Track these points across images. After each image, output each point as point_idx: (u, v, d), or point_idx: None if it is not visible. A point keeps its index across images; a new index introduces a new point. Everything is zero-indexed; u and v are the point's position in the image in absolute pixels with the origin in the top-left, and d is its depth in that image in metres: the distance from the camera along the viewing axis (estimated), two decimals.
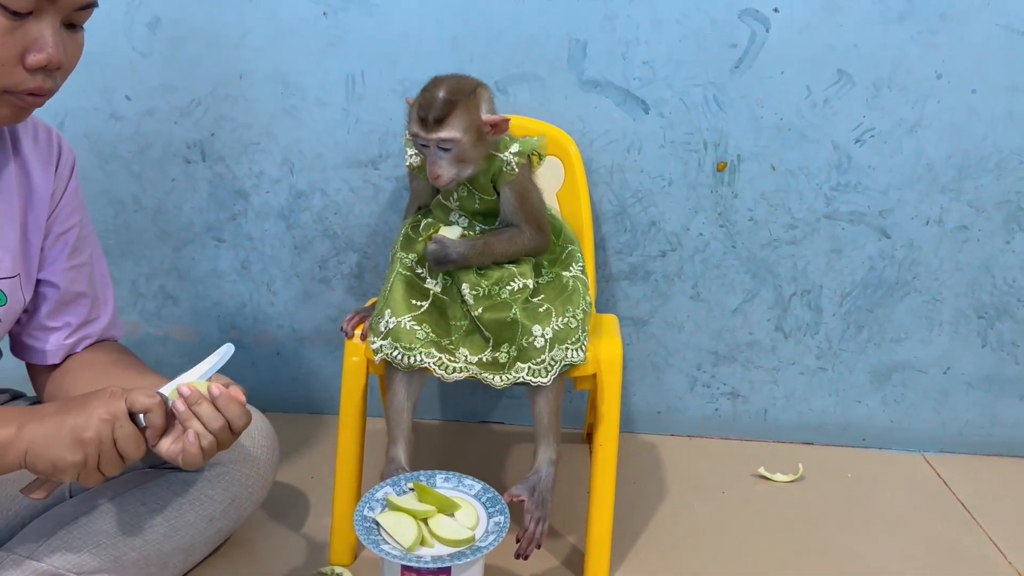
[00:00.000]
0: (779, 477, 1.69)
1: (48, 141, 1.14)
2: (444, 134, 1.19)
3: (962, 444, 1.83)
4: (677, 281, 1.75)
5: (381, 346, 1.24)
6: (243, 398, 1.01)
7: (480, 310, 1.24)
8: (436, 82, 1.23)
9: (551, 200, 1.54)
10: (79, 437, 0.93)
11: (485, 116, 1.22)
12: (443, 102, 1.19)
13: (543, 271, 1.33)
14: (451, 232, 1.29)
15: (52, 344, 1.18)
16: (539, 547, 1.23)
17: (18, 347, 1.21)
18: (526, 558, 1.22)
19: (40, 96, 0.98)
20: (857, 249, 1.72)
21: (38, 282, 1.16)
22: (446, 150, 1.21)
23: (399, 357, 1.22)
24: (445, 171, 1.22)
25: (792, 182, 1.68)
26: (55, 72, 0.97)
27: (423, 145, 1.22)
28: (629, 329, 1.79)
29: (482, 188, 1.28)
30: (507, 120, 1.24)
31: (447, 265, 1.26)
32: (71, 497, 1.22)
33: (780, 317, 1.77)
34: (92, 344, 1.22)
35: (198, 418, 0.98)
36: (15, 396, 1.32)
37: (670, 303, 1.77)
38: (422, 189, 1.37)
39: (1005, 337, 1.76)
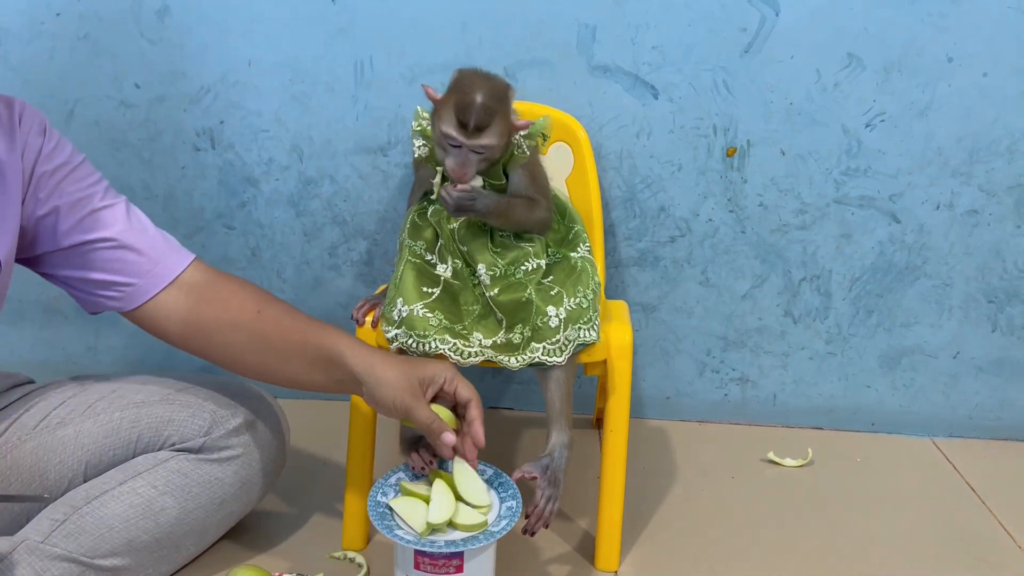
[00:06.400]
0: (788, 462, 1.69)
1: (9, 113, 1.12)
2: (484, 141, 1.20)
3: (972, 428, 1.83)
4: (686, 267, 1.75)
5: (396, 335, 1.24)
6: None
7: (496, 291, 1.25)
8: (470, 83, 1.21)
9: (560, 186, 1.55)
10: (407, 412, 1.14)
11: (516, 122, 1.24)
12: (484, 110, 1.18)
13: (549, 251, 1.33)
14: (476, 181, 1.26)
15: (132, 290, 1.21)
16: (547, 526, 1.21)
17: (90, 305, 1.24)
18: (533, 534, 1.21)
19: None
20: (867, 234, 1.71)
21: (93, 241, 1.17)
22: (479, 154, 1.22)
23: (414, 345, 1.23)
24: (472, 170, 1.23)
25: (802, 167, 1.68)
26: None
27: (454, 146, 1.22)
28: (638, 315, 1.79)
29: (492, 173, 1.28)
30: (530, 123, 1.26)
31: (467, 213, 1.24)
32: (84, 482, 1.23)
33: (789, 302, 1.77)
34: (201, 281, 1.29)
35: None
36: (29, 380, 1.33)
37: (679, 289, 1.77)
38: (427, 177, 1.36)
39: (1015, 321, 1.75)
